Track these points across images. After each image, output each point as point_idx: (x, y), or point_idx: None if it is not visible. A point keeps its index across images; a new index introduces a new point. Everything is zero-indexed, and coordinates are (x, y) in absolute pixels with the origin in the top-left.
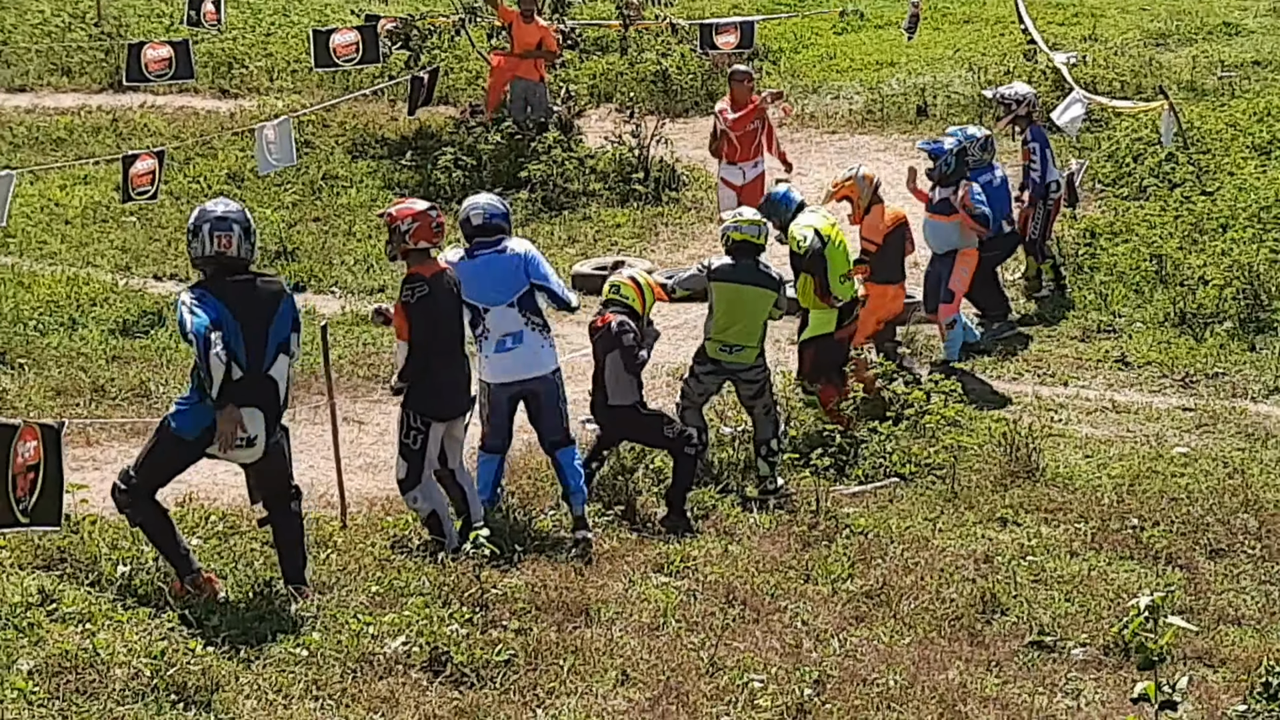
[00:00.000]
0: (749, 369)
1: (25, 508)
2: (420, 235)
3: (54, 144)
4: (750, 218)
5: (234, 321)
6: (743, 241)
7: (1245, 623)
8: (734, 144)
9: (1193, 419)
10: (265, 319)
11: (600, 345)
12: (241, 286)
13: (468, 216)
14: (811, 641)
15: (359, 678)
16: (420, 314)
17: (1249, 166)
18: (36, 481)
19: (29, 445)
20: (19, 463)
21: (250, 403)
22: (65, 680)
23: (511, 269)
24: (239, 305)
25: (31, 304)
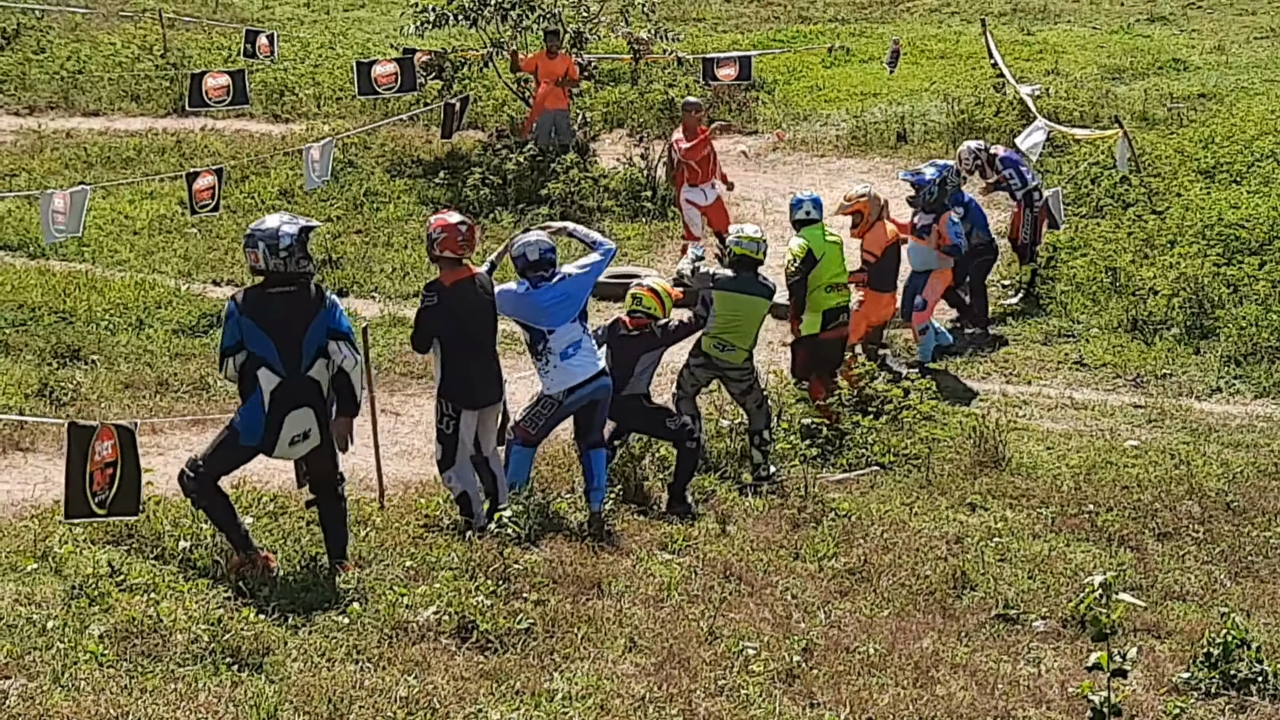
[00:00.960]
0: (737, 369)
1: (103, 500)
2: (446, 245)
3: (124, 163)
4: (750, 235)
5: (262, 334)
6: (743, 256)
7: (1189, 599)
8: (694, 169)
9: (1143, 415)
10: (299, 329)
11: (639, 346)
12: (278, 299)
13: (524, 253)
14: (800, 613)
15: (394, 643)
16: (427, 319)
17: (1195, 189)
18: (114, 476)
19: (106, 444)
20: (96, 460)
21: (298, 404)
22: (132, 644)
23: (577, 289)
24: (271, 317)
25: (103, 306)
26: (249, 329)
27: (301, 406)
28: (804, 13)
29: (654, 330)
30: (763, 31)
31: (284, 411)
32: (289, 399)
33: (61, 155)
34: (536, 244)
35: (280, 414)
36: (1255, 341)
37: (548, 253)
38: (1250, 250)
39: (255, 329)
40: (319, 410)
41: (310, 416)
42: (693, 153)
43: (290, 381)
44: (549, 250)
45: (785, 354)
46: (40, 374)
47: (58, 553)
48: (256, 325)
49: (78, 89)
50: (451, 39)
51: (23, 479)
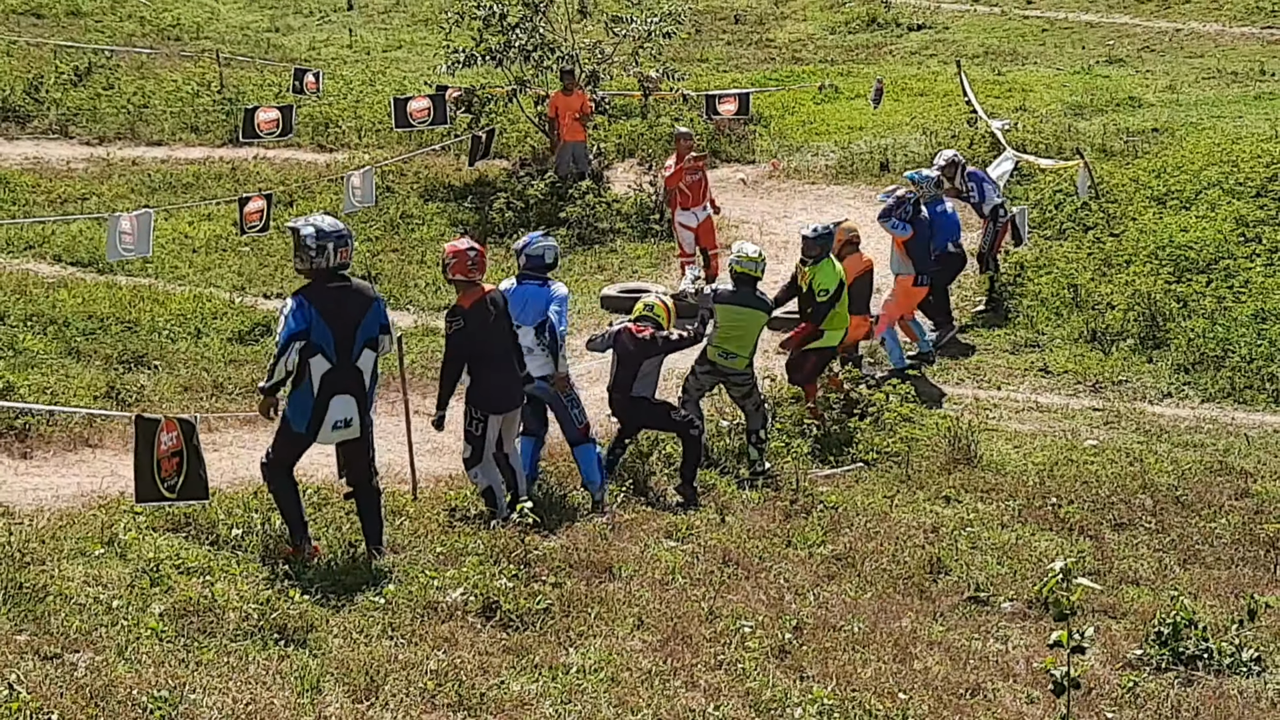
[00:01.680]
0: (739, 374)
1: (172, 485)
2: (456, 270)
3: (184, 188)
4: (750, 254)
5: (324, 324)
6: (742, 273)
7: (1143, 583)
8: (684, 194)
9: (1101, 417)
10: (356, 319)
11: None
12: (337, 292)
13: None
14: (791, 595)
15: (426, 621)
16: (456, 341)
17: (1148, 214)
18: (181, 465)
19: (170, 435)
20: (162, 449)
21: (343, 390)
22: (189, 621)
23: (545, 301)
24: (333, 309)
25: (165, 317)
26: (315, 318)
27: (345, 393)
28: (797, 55)
29: (656, 339)
30: (760, 71)
31: (329, 396)
32: (335, 384)
33: (128, 181)
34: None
35: (326, 398)
36: (1202, 351)
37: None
38: (1198, 269)
39: (320, 319)
40: (360, 400)
41: (353, 405)
42: (672, 179)
43: (339, 369)
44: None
45: (779, 361)
46: (108, 378)
47: (122, 539)
48: (321, 316)
49: (143, 121)
50: (479, 77)
51: (92, 473)
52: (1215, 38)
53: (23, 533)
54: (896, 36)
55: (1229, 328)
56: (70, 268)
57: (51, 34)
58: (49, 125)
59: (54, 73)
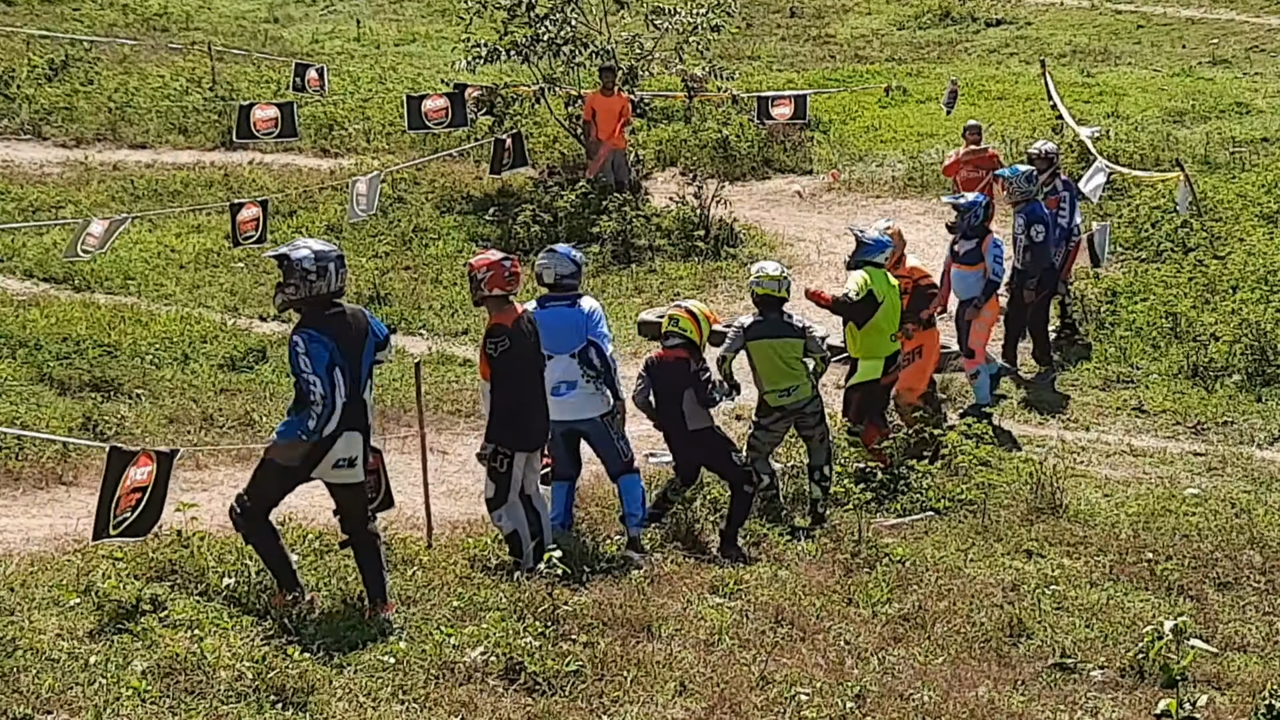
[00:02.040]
0: (809, 401)
1: (120, 521)
2: (494, 284)
3: (171, 196)
4: (771, 273)
5: (340, 355)
6: (765, 295)
7: (1250, 650)
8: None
9: (1203, 463)
10: (360, 347)
11: (676, 380)
12: (338, 319)
13: (540, 272)
14: (853, 659)
15: (441, 684)
16: (504, 364)
17: (1257, 234)
18: (141, 500)
19: (143, 470)
20: (127, 484)
21: (351, 426)
22: (175, 680)
23: (577, 324)
24: (342, 338)
25: (148, 340)
26: (334, 349)
27: (353, 430)
28: (860, 52)
29: (689, 361)
30: (818, 70)
31: (338, 434)
32: (346, 420)
33: (108, 187)
34: (553, 266)
35: (335, 435)
36: None
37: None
38: None
39: (336, 350)
40: (366, 438)
41: (359, 443)
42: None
43: (351, 404)
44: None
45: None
46: (84, 407)
47: (100, 587)
48: (336, 346)
49: (125, 121)
50: (503, 74)
51: (65, 512)
52: None
53: None
54: (973, 33)
55: None
56: (43, 284)
57: (23, 22)
58: (20, 125)
59: (26, 66)
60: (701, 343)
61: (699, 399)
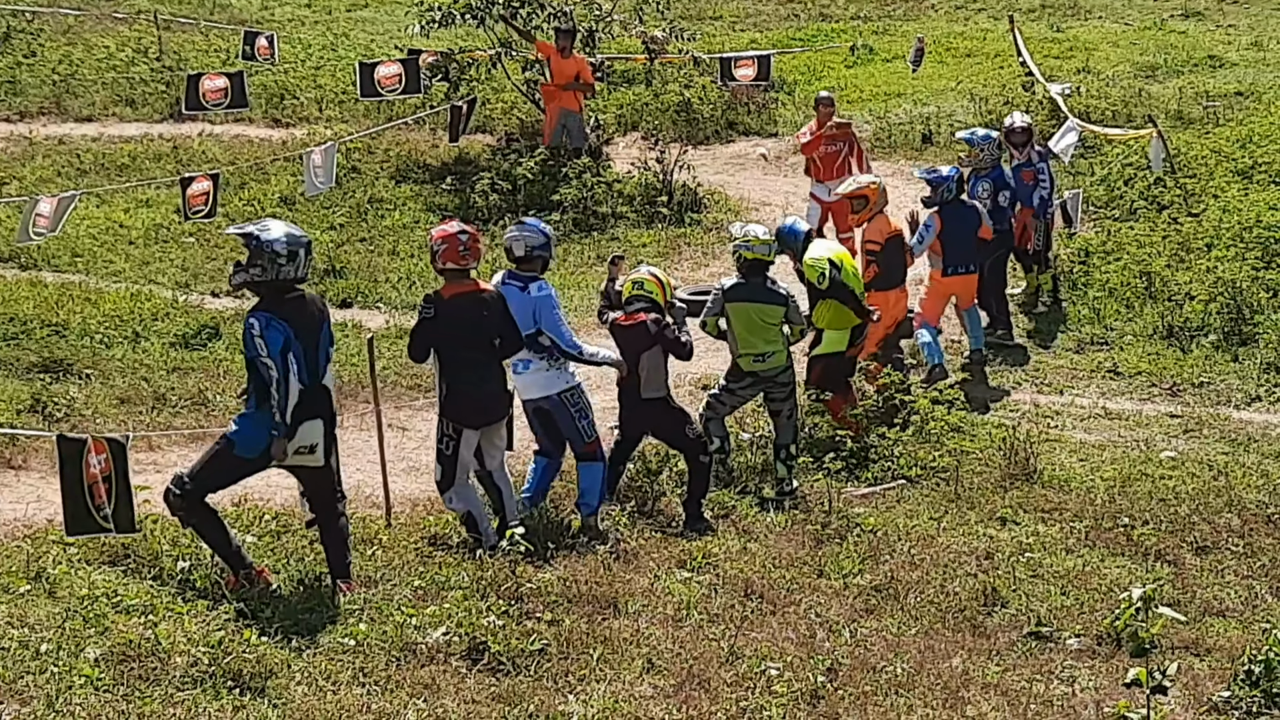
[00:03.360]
0: (782, 371)
1: (106, 514)
2: (447, 257)
3: (119, 170)
4: (761, 237)
5: (296, 340)
6: (755, 260)
7: (1229, 615)
8: (818, 165)
9: (1180, 425)
10: (317, 332)
11: (635, 343)
12: (297, 304)
13: (510, 245)
14: (824, 632)
15: (403, 665)
16: (421, 330)
17: (1232, 190)
18: (111, 490)
19: (100, 457)
20: (92, 473)
21: (313, 414)
22: (129, 668)
23: (527, 311)
24: (299, 323)
25: (98, 318)
26: (289, 334)
27: (315, 418)
28: (825, 10)
29: (647, 325)
30: (782, 30)
31: (299, 421)
32: (308, 408)
33: (54, 162)
34: (522, 238)
35: (295, 424)
36: None
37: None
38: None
39: (292, 336)
40: (329, 424)
41: (319, 430)
42: (811, 145)
43: (310, 390)
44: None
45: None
46: (32, 389)
47: (52, 574)
48: (293, 331)
49: (70, 94)
50: (458, 39)
51: (15, 498)
52: None
53: None
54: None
55: None
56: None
57: None
58: None
59: None
60: (664, 302)
61: (673, 350)
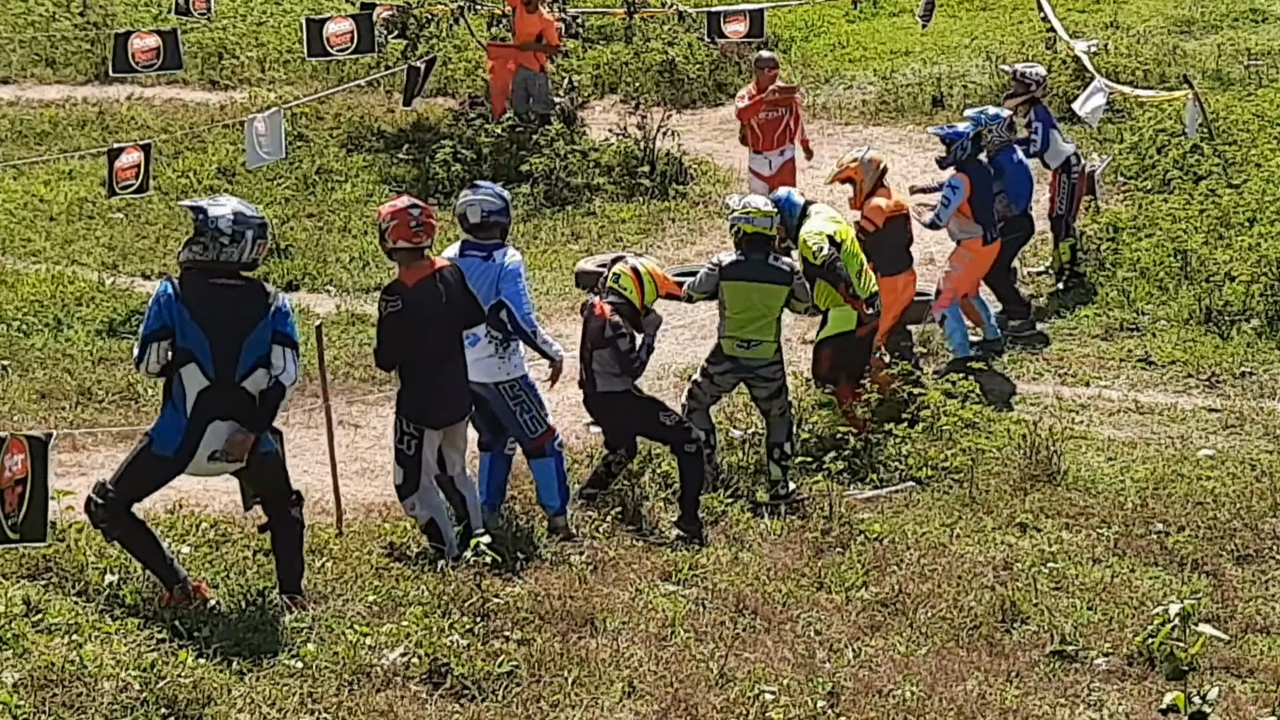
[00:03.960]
0: (767, 365)
1: (14, 523)
2: (398, 234)
3: (38, 138)
4: (762, 208)
5: (196, 327)
6: (755, 234)
7: (1274, 631)
8: (757, 133)
9: (1219, 420)
10: (242, 328)
11: (590, 338)
12: (221, 291)
13: (464, 212)
14: (825, 652)
15: (356, 690)
16: (391, 328)
17: (1277, 158)
18: (24, 496)
19: (16, 459)
20: (5, 477)
21: (223, 414)
22: (51, 694)
23: (490, 280)
24: (210, 310)
25: (15, 304)
26: (181, 318)
27: (227, 419)
28: None
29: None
30: None
31: (206, 420)
32: (214, 407)
33: None
34: (480, 204)
35: (202, 423)
36: None
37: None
38: None
39: (189, 320)
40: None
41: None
42: (747, 111)
43: (219, 387)
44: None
45: (806, 353)
46: None
47: None
48: (192, 316)
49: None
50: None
51: None
52: None
53: None
54: None
55: None
56: None
57: None
58: None
59: None
60: (642, 305)
61: (620, 363)
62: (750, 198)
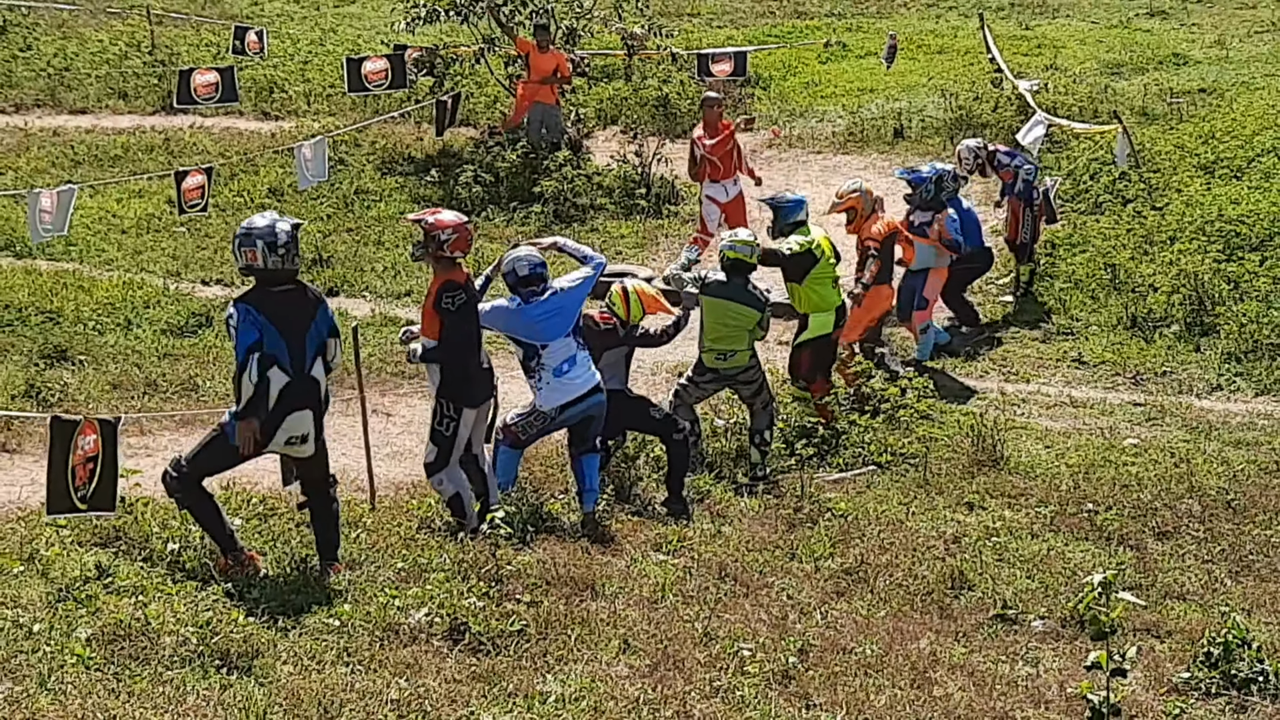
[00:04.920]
0: (744, 370)
1: (84, 495)
2: (457, 246)
3: (111, 161)
4: (744, 239)
5: (276, 331)
6: (736, 260)
7: (1189, 598)
8: (715, 165)
9: (1142, 413)
10: (305, 325)
11: (599, 341)
12: (284, 296)
13: (514, 269)
14: (796, 614)
15: (386, 645)
16: (460, 319)
17: (1195, 184)
18: (95, 471)
19: (89, 439)
20: (79, 455)
21: (300, 405)
22: (120, 647)
23: (570, 303)
24: (282, 315)
25: (91, 306)
26: (266, 327)
27: (303, 408)
28: (800, 8)
29: (616, 329)
30: (758, 27)
31: (286, 412)
32: (293, 399)
33: (48, 154)
34: (526, 259)
35: (282, 414)
36: (1256, 338)
37: (538, 267)
38: (1251, 246)
39: (270, 327)
40: (317, 414)
41: (309, 420)
42: (716, 148)
43: (296, 381)
44: (539, 265)
45: (781, 353)
46: (27, 375)
47: (44, 555)
48: (271, 324)
49: (64, 86)
50: (443, 35)
51: (9, 481)
52: None
53: None
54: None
55: None
56: None
57: None
58: None
59: None
60: (628, 322)
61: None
62: (736, 230)
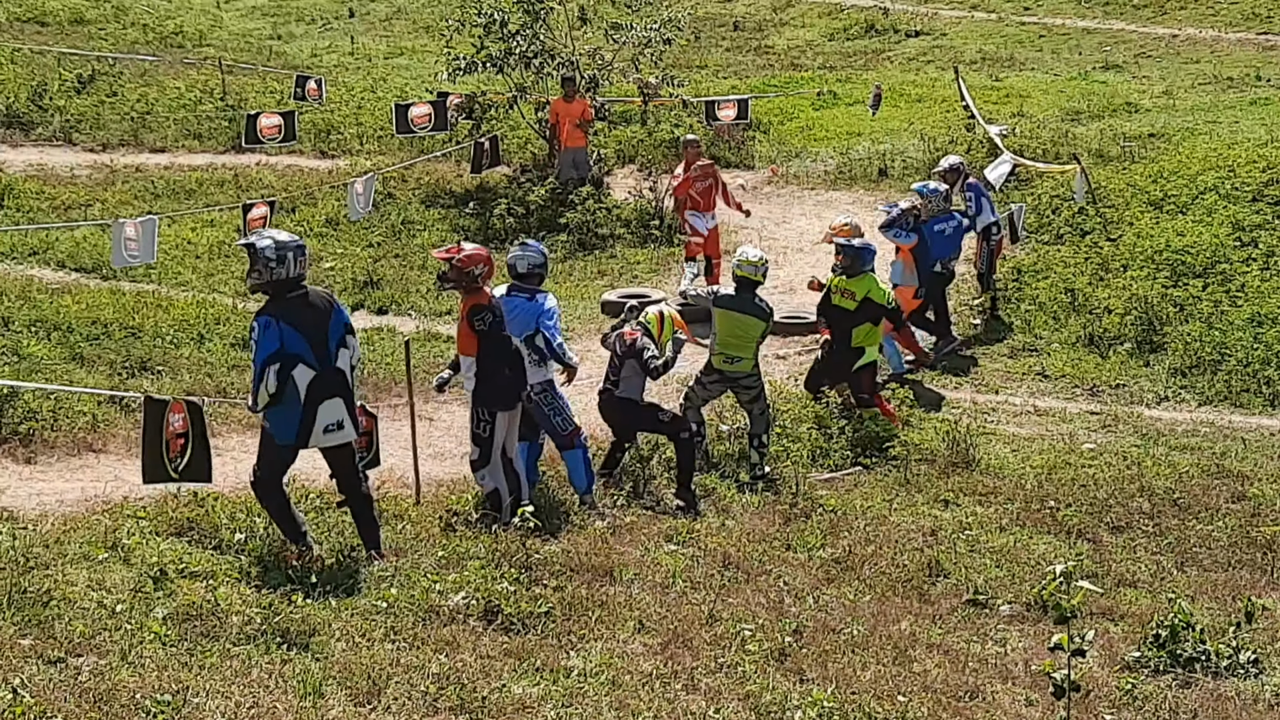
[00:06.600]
0: (747, 376)
1: (177, 466)
2: (490, 275)
3: (187, 194)
4: (751, 259)
5: (296, 334)
6: (743, 278)
7: (1140, 585)
8: (695, 199)
9: (1099, 421)
10: (324, 322)
11: (623, 352)
12: (299, 301)
13: (514, 263)
14: (791, 598)
15: (428, 625)
16: (491, 336)
17: (1145, 218)
18: (186, 446)
19: (177, 417)
20: (170, 431)
21: (330, 394)
22: (192, 625)
23: (531, 315)
24: (301, 318)
25: (168, 322)
26: (288, 333)
27: (333, 397)
28: (796, 61)
29: (636, 345)
30: (759, 77)
31: (318, 402)
32: (323, 390)
33: (131, 187)
34: (528, 258)
35: (314, 405)
36: (1199, 355)
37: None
38: (1195, 274)
39: (292, 331)
40: (348, 400)
41: (341, 407)
42: (680, 188)
43: (324, 373)
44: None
45: (780, 366)
46: (112, 383)
47: (126, 543)
48: (293, 328)
49: (146, 128)
50: (481, 84)
51: (95, 477)
52: (1211, 43)
53: (27, 537)
54: (895, 43)
55: (1225, 331)
56: (74, 273)
57: (55, 42)
58: (53, 132)
59: (58, 80)
60: (659, 339)
61: (641, 366)
62: (746, 248)
